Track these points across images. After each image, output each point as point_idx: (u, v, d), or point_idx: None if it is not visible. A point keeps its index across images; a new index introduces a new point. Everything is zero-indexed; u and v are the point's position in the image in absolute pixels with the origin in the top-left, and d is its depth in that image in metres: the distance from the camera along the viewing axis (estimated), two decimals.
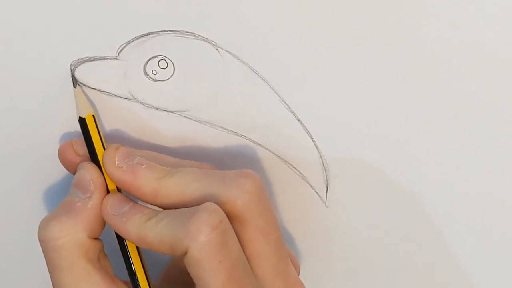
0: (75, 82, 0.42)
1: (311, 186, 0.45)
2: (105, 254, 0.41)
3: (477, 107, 0.43)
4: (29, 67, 0.42)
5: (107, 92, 0.43)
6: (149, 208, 0.39)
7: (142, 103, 0.43)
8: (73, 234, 0.39)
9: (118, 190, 0.41)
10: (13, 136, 0.43)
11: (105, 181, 0.40)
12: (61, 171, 0.44)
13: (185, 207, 0.38)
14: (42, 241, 0.39)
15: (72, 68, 0.42)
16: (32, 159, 0.44)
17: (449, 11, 0.41)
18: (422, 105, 0.43)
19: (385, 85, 0.43)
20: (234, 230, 0.38)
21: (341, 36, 0.42)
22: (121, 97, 0.43)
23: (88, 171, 0.40)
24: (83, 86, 0.42)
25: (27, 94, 0.42)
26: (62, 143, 0.42)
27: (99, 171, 0.40)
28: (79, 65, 0.42)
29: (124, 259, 0.40)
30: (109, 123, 0.43)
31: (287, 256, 0.40)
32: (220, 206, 0.38)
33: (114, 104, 0.43)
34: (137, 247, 0.40)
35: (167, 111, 0.43)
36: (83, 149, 0.41)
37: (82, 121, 0.41)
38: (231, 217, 0.38)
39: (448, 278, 0.46)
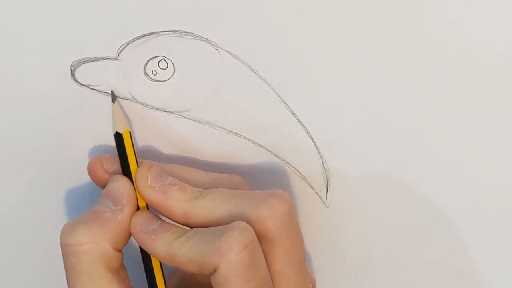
0: (113, 97, 0.42)
1: (311, 186, 0.45)
2: (124, 266, 0.41)
3: (478, 107, 0.43)
4: (29, 67, 0.42)
5: (107, 93, 0.43)
6: (178, 226, 0.40)
7: (142, 104, 0.43)
8: (98, 242, 0.39)
9: (147, 207, 0.41)
10: (11, 136, 0.43)
11: (137, 197, 0.41)
12: (59, 172, 0.44)
13: None
14: (65, 245, 0.39)
15: (72, 69, 0.42)
16: (31, 159, 0.44)
17: (449, 11, 0.41)
18: (422, 105, 0.43)
19: (385, 85, 0.43)
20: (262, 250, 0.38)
21: (341, 36, 0.42)
22: (121, 98, 0.43)
23: (123, 185, 0.40)
24: (84, 88, 0.42)
25: (27, 94, 0.42)
26: (91, 159, 0.42)
27: (132, 185, 0.41)
28: (80, 65, 0.42)
29: (146, 276, 0.41)
30: (109, 124, 0.43)
31: (308, 277, 0.41)
32: (250, 226, 0.38)
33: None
34: (160, 265, 0.40)
35: (167, 112, 0.43)
36: (112, 166, 0.42)
37: (118, 137, 0.41)
38: (260, 237, 0.38)
39: (450, 277, 0.46)
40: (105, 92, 0.43)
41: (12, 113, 0.43)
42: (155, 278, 0.40)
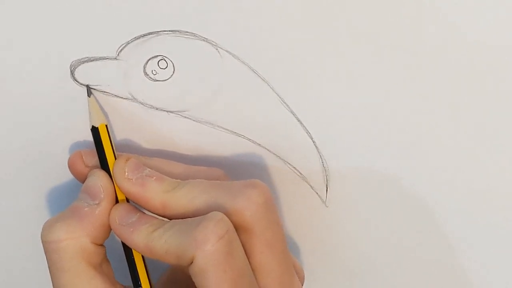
0: (89, 91, 0.42)
1: (311, 186, 0.45)
2: (108, 260, 0.41)
3: (478, 108, 0.43)
4: (29, 67, 0.42)
5: (107, 92, 0.43)
6: (157, 218, 0.39)
7: (142, 103, 0.43)
8: (77, 238, 0.39)
9: (127, 200, 0.41)
10: (11, 136, 0.43)
11: (115, 190, 0.40)
12: (63, 174, 0.44)
13: None
14: (45, 242, 0.39)
15: (72, 68, 0.42)
16: (30, 158, 0.44)
17: (449, 11, 0.41)
18: (422, 105, 0.43)
19: (385, 85, 0.43)
20: (241, 241, 0.38)
21: (341, 36, 0.42)
22: (121, 97, 0.43)
23: (100, 178, 0.40)
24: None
25: (27, 94, 0.42)
26: (72, 154, 0.42)
27: (110, 179, 0.41)
28: (79, 65, 0.42)
29: (129, 269, 0.40)
30: (108, 123, 0.43)
31: (292, 267, 0.40)
32: (228, 217, 0.38)
33: (113, 104, 0.43)
34: (142, 257, 0.40)
35: (167, 111, 0.43)
36: (92, 160, 0.41)
37: (94, 131, 0.41)
38: (238, 228, 0.38)
39: (449, 277, 0.46)
40: (105, 92, 0.43)
41: (12, 113, 0.43)
42: (137, 271, 0.40)
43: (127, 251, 0.40)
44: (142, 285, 0.40)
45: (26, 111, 0.43)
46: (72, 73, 0.42)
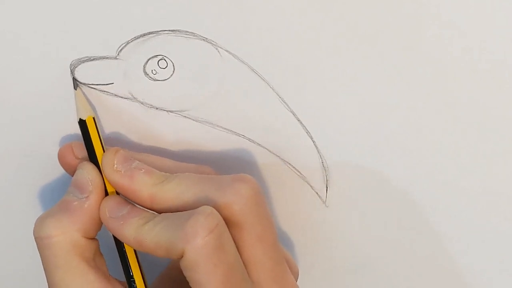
0: (75, 84, 0.42)
1: (311, 186, 0.45)
2: (101, 254, 0.41)
3: (478, 108, 0.43)
4: (29, 67, 0.42)
5: (106, 92, 0.43)
6: (147, 211, 0.39)
7: (141, 103, 0.43)
8: (68, 232, 0.39)
9: (117, 193, 0.41)
10: (11, 135, 0.43)
11: (104, 182, 0.40)
12: (59, 171, 0.44)
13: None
14: (37, 238, 0.39)
15: (72, 68, 0.42)
16: (30, 158, 0.44)
17: (449, 11, 0.41)
18: (422, 105, 0.43)
19: (385, 85, 0.43)
20: (231, 235, 0.38)
21: (341, 36, 0.42)
22: (121, 97, 0.43)
23: (88, 171, 0.40)
24: (84, 87, 0.42)
25: (26, 94, 0.42)
26: (62, 146, 0.42)
27: (98, 172, 0.40)
28: (79, 64, 0.42)
29: (121, 262, 0.40)
30: (108, 123, 0.43)
31: (284, 261, 0.40)
32: (217, 211, 0.38)
33: (113, 103, 0.43)
34: (134, 250, 0.40)
35: (166, 111, 0.43)
36: (82, 152, 0.41)
37: (82, 123, 0.41)
38: (228, 222, 0.38)
39: (449, 277, 0.46)
40: (104, 91, 0.43)
41: (12, 112, 0.43)
42: (129, 264, 0.40)
43: (119, 244, 0.40)
44: (135, 278, 0.40)
45: (26, 111, 0.43)
46: (72, 72, 0.42)
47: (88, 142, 0.41)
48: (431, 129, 0.43)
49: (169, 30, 0.42)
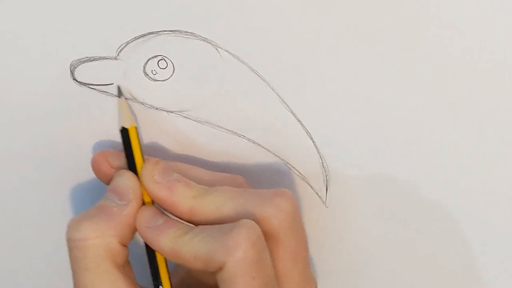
0: (120, 91, 0.42)
1: (311, 186, 0.45)
2: (129, 262, 0.41)
3: (478, 108, 0.43)
4: (29, 67, 0.42)
5: (106, 92, 0.43)
6: (183, 223, 0.39)
7: (141, 103, 0.43)
8: (104, 237, 0.39)
9: (152, 203, 0.41)
10: (11, 135, 0.43)
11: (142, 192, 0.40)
12: (59, 171, 0.44)
13: None
14: (71, 240, 0.39)
15: (72, 68, 0.42)
16: (30, 158, 0.44)
17: (449, 11, 0.41)
18: (422, 105, 0.43)
19: (385, 85, 0.43)
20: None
21: (341, 36, 0.42)
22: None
23: (128, 179, 0.40)
24: (84, 88, 0.42)
25: (26, 94, 0.42)
26: (95, 154, 0.42)
27: (138, 181, 0.40)
28: (79, 65, 0.42)
29: (151, 271, 0.40)
30: (108, 124, 0.43)
31: (310, 276, 0.41)
32: None
33: (113, 104, 0.43)
34: (165, 261, 0.40)
35: (166, 111, 0.43)
36: (117, 161, 0.41)
37: (124, 132, 0.41)
38: (265, 235, 0.38)
39: (449, 278, 0.46)
40: (104, 92, 0.43)
41: (12, 113, 0.43)
42: (159, 274, 0.40)
43: (151, 253, 0.40)
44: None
45: (26, 111, 0.43)
46: (72, 72, 0.42)
47: (129, 151, 0.41)
48: (431, 129, 0.43)
49: (169, 31, 0.42)
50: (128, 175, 0.41)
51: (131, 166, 0.41)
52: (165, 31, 0.42)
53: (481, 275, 0.46)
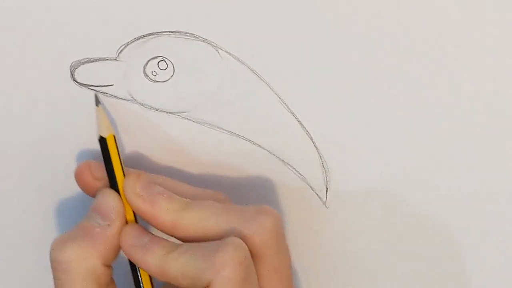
0: (97, 100, 0.42)
1: (311, 187, 0.45)
2: (113, 281, 0.41)
3: (478, 108, 0.43)
4: (29, 68, 0.42)
5: (106, 93, 0.43)
6: (169, 241, 0.39)
7: (141, 104, 0.43)
8: (88, 259, 0.39)
9: (136, 220, 0.41)
10: (11, 136, 0.43)
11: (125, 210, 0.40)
12: (58, 171, 0.44)
13: (204, 241, 0.39)
14: (55, 261, 0.39)
15: (72, 69, 0.42)
16: (28, 159, 0.44)
17: (449, 11, 0.42)
18: (422, 106, 0.43)
19: (385, 85, 0.43)
20: None
21: (341, 36, 0.42)
22: (121, 98, 0.43)
23: (112, 198, 0.40)
24: (84, 88, 0.42)
25: (26, 95, 0.42)
26: (79, 165, 0.42)
27: (121, 199, 0.40)
28: (79, 66, 0.42)
29: None
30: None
31: None
32: None
33: (113, 105, 0.43)
34: (150, 279, 0.40)
35: (166, 112, 0.43)
36: (100, 172, 0.41)
37: (102, 141, 0.41)
38: None
39: (449, 277, 0.46)
40: (104, 93, 0.43)
41: (12, 113, 0.43)
42: None
43: (135, 272, 0.40)
44: None
45: (25, 112, 0.43)
46: (72, 73, 0.42)
47: (107, 161, 0.40)
48: (431, 129, 0.43)
49: (169, 32, 0.42)
50: (111, 194, 0.40)
51: (111, 176, 0.40)
52: (165, 32, 0.42)
53: (481, 275, 0.46)
